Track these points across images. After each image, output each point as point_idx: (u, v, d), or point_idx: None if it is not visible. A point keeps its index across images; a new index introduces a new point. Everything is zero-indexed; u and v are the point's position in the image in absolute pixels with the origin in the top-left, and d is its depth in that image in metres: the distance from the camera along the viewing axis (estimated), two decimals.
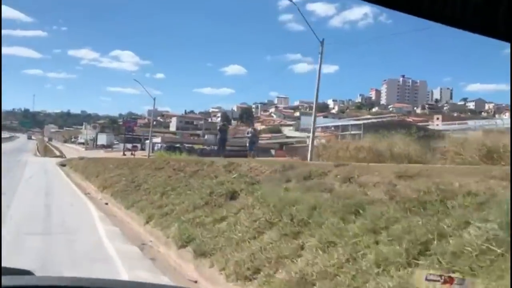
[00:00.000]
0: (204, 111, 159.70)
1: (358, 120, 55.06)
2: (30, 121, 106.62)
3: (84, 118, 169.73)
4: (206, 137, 74.32)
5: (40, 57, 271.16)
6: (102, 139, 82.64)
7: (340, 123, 50.69)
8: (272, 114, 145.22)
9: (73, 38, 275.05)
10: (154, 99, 41.92)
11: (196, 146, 65.00)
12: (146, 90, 41.96)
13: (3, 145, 74.39)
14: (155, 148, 66.22)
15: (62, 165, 33.28)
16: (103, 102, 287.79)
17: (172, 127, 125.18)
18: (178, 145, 61.52)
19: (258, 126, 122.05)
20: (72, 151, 65.63)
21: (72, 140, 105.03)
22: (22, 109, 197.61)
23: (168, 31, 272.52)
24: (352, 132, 37.12)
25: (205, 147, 63.46)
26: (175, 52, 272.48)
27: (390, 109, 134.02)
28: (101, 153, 64.98)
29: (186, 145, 66.54)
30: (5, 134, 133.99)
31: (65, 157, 51.12)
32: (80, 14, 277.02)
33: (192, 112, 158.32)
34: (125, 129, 71.72)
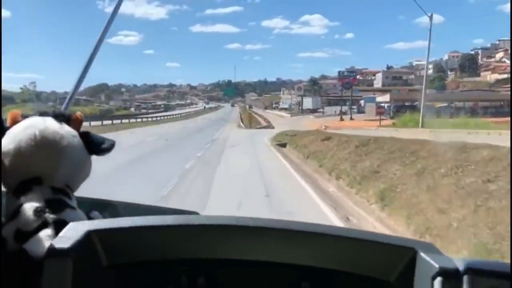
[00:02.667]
0: (408, 65, 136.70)
1: None
2: (233, 89, 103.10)
3: (280, 85, 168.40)
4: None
5: (238, 31, 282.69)
6: (308, 102, 70.06)
7: None
8: (504, 59, 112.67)
9: (265, 9, 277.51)
10: None
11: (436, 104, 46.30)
12: None
13: (204, 115, 70.00)
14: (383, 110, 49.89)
15: (280, 144, 19.72)
16: (295, 68, 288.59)
17: (377, 84, 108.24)
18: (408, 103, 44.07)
19: (488, 76, 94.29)
20: (278, 118, 54.05)
21: (273, 106, 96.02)
22: (226, 81, 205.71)
23: None
24: None
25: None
26: (363, 10, 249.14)
27: None
28: (310, 119, 51.69)
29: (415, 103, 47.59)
30: (212, 104, 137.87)
31: (273, 127, 39.14)
32: None
33: (390, 68, 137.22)
34: (342, 86, 56.96)
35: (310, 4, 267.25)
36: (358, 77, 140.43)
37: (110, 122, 34.98)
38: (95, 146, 1.04)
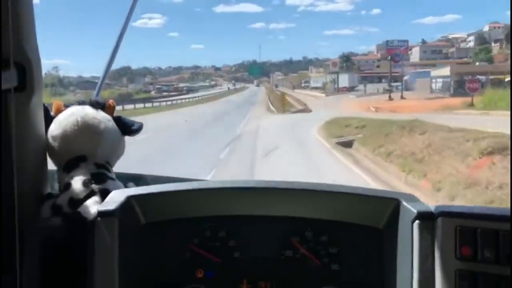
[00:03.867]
0: (443, 39, 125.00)
1: None
2: (258, 68, 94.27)
3: (306, 63, 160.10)
4: None
5: (262, 11, 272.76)
6: (343, 80, 61.61)
7: None
8: None
9: None
10: None
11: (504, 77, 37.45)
12: None
13: (228, 97, 61.81)
14: (435, 86, 41.56)
15: (343, 143, 12.27)
16: (321, 46, 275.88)
17: (414, 59, 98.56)
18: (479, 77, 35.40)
19: None
20: (311, 99, 46.23)
21: (303, 85, 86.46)
22: (250, 61, 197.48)
23: None
24: None
25: None
26: None
27: None
28: (351, 99, 43.71)
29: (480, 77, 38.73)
30: (237, 85, 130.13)
31: (310, 110, 31.57)
32: None
33: (425, 42, 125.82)
34: (390, 59, 48.32)
35: None
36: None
37: (132, 106, 31.82)
38: (127, 128, 1.19)
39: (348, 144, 12.03)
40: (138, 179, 1.42)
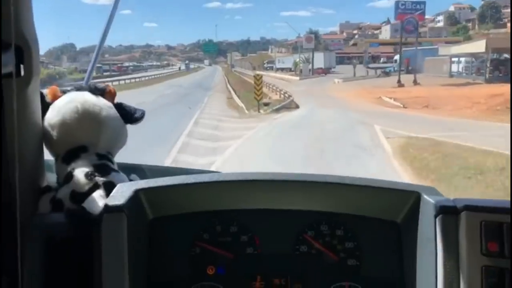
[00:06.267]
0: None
1: None
2: (214, 45, 78.19)
3: (264, 44, 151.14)
4: None
5: None
6: (319, 60, 49.33)
7: None
8: None
9: None
10: None
11: None
12: None
13: (183, 78, 50.94)
14: (458, 67, 30.81)
15: None
16: (278, 27, 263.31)
17: (384, 37, 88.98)
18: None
19: None
20: (284, 84, 33.86)
21: (266, 66, 71.57)
22: (206, 40, 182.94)
23: None
24: None
25: None
26: None
27: None
28: (338, 84, 32.16)
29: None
30: (191, 65, 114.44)
31: (297, 106, 19.56)
32: None
33: (388, 22, 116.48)
34: (402, 25, 35.88)
35: None
36: (354, 32, 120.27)
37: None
38: (129, 116, 1.09)
39: None
40: (139, 170, 1.29)
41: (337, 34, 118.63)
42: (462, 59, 29.99)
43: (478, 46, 25.86)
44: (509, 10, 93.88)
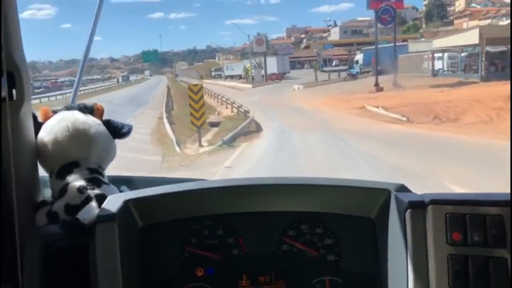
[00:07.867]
0: (353, 20, 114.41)
1: None
2: (153, 53, 68.70)
3: (210, 53, 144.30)
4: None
5: (160, 0, 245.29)
6: (271, 64, 43.63)
7: None
8: (474, 4, 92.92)
9: None
10: None
11: None
12: None
13: (119, 92, 46.38)
14: (442, 64, 26.17)
15: None
16: (224, 36, 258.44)
17: (334, 39, 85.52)
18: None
19: (465, 23, 74.46)
20: (239, 95, 27.71)
21: (214, 74, 64.85)
22: (151, 50, 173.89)
23: None
24: None
25: None
26: None
27: None
28: (299, 92, 26.55)
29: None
30: (133, 77, 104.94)
31: (258, 127, 13.47)
32: None
33: (335, 25, 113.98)
34: (376, 14, 29.44)
35: None
36: (302, 35, 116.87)
37: None
38: (117, 131, 1.14)
39: None
40: (129, 181, 1.35)
41: (285, 39, 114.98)
42: (445, 54, 25.35)
43: (470, 37, 21.03)
44: (453, 8, 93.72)
